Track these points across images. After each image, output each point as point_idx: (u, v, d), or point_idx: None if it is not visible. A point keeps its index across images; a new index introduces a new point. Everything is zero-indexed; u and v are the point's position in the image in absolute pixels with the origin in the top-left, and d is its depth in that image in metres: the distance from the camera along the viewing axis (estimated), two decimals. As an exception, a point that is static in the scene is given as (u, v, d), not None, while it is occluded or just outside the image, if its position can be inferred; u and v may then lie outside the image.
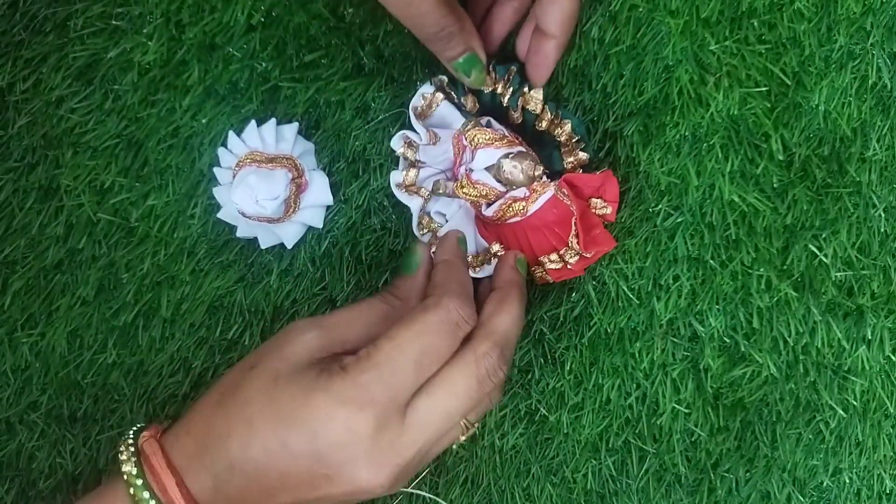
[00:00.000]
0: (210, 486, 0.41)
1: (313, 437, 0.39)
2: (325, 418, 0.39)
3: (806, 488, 0.52)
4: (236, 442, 0.40)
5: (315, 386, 0.40)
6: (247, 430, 0.40)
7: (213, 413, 0.42)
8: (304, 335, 0.42)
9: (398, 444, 0.40)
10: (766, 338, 0.51)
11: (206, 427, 0.41)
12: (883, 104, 0.50)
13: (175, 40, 0.51)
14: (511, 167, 0.47)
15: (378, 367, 0.40)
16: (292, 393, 0.40)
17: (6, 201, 0.52)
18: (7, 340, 0.53)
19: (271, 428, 0.40)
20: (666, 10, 0.50)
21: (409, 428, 0.40)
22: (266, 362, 0.42)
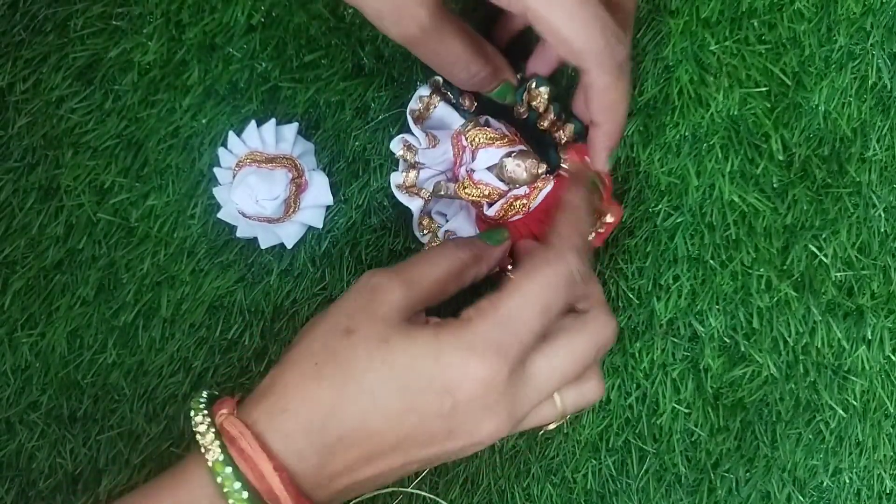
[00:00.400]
0: (314, 464, 0.38)
1: (445, 393, 0.38)
2: (460, 371, 0.38)
3: (806, 488, 0.52)
4: (354, 414, 0.38)
5: (440, 340, 0.38)
6: (368, 400, 0.38)
7: (316, 385, 0.38)
8: (391, 295, 0.40)
9: (519, 397, 0.39)
10: (766, 338, 0.51)
11: (309, 401, 0.38)
12: (883, 104, 0.50)
13: (175, 40, 0.51)
14: (514, 166, 0.47)
15: (507, 318, 0.38)
16: (415, 353, 0.38)
17: (6, 201, 0.52)
18: (7, 340, 0.53)
19: (396, 392, 0.38)
20: (666, 11, 0.50)
21: (529, 381, 0.39)
22: (366, 326, 0.39)
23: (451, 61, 0.43)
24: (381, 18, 0.41)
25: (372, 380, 0.38)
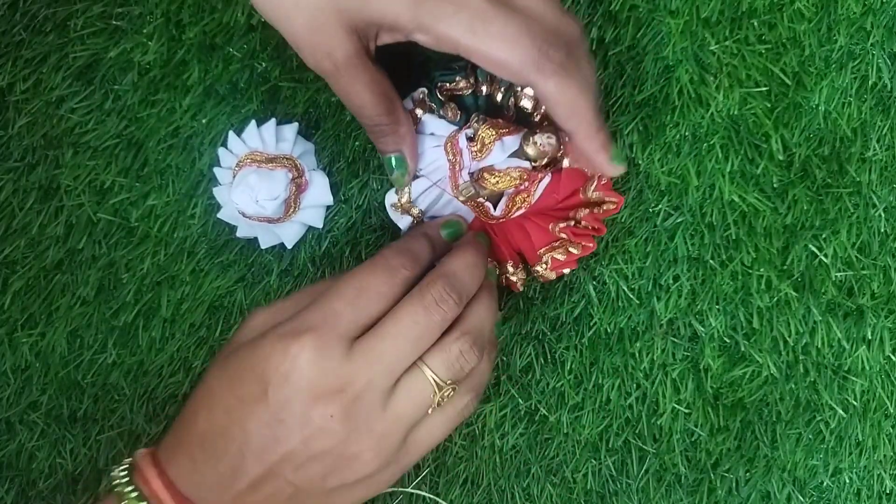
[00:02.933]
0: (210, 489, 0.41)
1: (260, 378, 0.39)
2: (268, 355, 0.40)
3: (806, 488, 0.52)
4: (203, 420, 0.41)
5: (262, 336, 0.41)
6: (208, 405, 0.41)
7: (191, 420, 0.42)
8: (254, 319, 0.43)
9: (344, 372, 0.39)
10: (766, 338, 0.51)
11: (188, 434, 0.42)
12: (883, 104, 0.50)
13: (175, 40, 0.51)
14: (545, 139, 0.46)
15: (316, 304, 0.41)
16: (242, 355, 0.41)
17: (6, 201, 0.52)
18: (7, 340, 0.53)
19: (228, 390, 0.40)
20: (666, 10, 0.50)
21: (354, 357, 0.40)
22: (223, 349, 0.43)
23: (357, 104, 0.44)
24: (298, 47, 0.42)
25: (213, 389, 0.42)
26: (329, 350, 0.39)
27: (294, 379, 0.39)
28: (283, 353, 0.39)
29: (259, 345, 0.40)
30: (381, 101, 0.44)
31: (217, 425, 0.40)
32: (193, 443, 0.41)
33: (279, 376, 0.39)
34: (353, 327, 0.40)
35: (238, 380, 0.40)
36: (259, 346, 0.40)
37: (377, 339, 0.40)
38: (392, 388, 0.40)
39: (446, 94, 0.49)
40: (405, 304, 0.41)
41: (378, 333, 0.40)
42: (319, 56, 0.42)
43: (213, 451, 0.40)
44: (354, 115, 0.45)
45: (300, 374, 0.39)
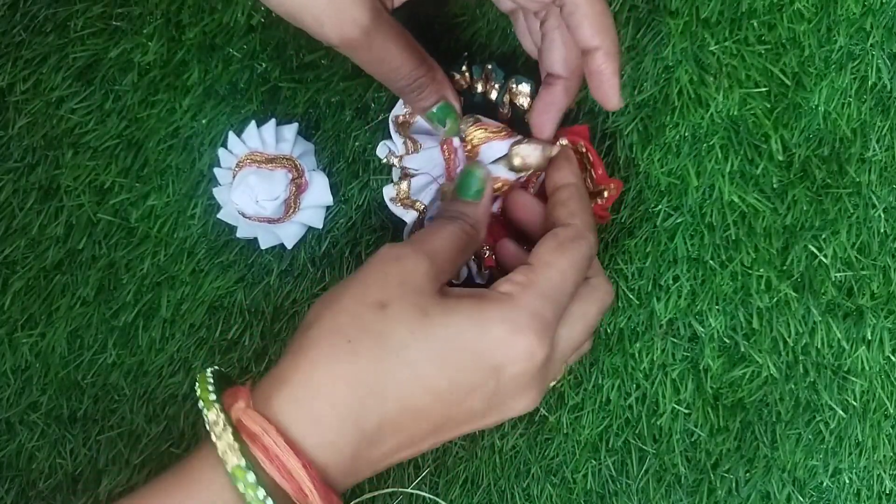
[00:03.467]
0: (349, 456, 0.34)
1: (491, 369, 0.36)
2: (507, 348, 0.36)
3: (806, 488, 0.52)
4: (396, 391, 0.35)
5: (484, 314, 0.36)
6: (412, 377, 0.35)
7: (350, 364, 0.35)
8: (423, 266, 0.37)
9: (549, 371, 0.39)
10: (765, 338, 0.51)
11: (343, 382, 0.34)
12: (883, 105, 0.50)
13: (175, 41, 0.51)
14: (531, 150, 0.46)
15: (549, 295, 0.38)
16: (457, 327, 0.36)
17: (6, 201, 0.52)
18: (7, 340, 0.53)
19: (440, 367, 0.35)
20: (666, 11, 0.50)
21: (556, 352, 0.39)
22: (401, 298, 0.36)
23: (392, 67, 0.42)
24: (322, 25, 0.39)
25: (415, 355, 0.35)
26: (547, 346, 0.38)
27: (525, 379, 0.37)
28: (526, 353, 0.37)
29: (491, 330, 0.36)
30: (413, 55, 0.42)
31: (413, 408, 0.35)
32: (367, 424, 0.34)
33: (516, 376, 0.37)
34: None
35: (455, 361, 0.36)
36: (491, 332, 0.36)
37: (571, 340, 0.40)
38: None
39: None
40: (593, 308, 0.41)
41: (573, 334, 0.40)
42: (346, 25, 0.39)
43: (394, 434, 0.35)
44: (386, 81, 0.43)
45: (530, 376, 0.37)
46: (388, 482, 0.53)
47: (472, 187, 0.43)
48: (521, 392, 0.38)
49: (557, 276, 0.39)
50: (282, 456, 0.33)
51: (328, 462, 0.34)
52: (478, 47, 0.51)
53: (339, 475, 0.35)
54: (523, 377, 0.37)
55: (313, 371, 0.35)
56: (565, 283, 0.39)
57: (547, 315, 0.38)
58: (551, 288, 0.38)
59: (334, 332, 0.35)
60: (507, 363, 0.36)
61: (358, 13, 0.40)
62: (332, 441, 0.34)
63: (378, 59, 0.41)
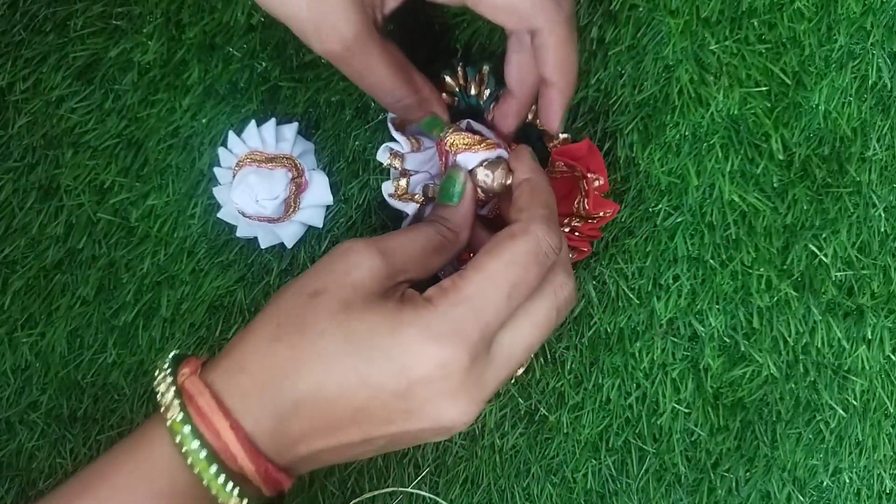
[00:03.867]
0: (269, 428, 0.37)
1: (400, 372, 0.36)
2: (416, 353, 0.36)
3: (806, 488, 0.52)
4: (307, 377, 0.36)
5: (400, 318, 0.37)
6: (321, 365, 0.36)
7: (273, 346, 0.37)
8: (369, 261, 0.38)
9: (484, 380, 0.37)
10: (766, 338, 0.51)
11: (266, 362, 0.37)
12: (883, 104, 0.50)
13: (175, 40, 0.51)
14: (483, 176, 0.46)
15: (470, 300, 0.37)
16: (372, 324, 0.37)
17: (6, 201, 0.52)
18: (7, 340, 0.53)
19: (350, 361, 0.36)
20: (666, 10, 0.50)
21: (493, 362, 0.38)
22: (333, 290, 0.37)
23: (373, 83, 0.42)
24: (305, 33, 0.40)
25: (327, 344, 0.36)
26: (479, 359, 0.37)
27: (438, 387, 0.36)
28: (437, 361, 0.36)
29: (403, 333, 0.36)
30: (397, 75, 0.42)
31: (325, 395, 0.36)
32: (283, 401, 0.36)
33: (424, 382, 0.36)
34: (499, 328, 0.38)
35: (368, 358, 0.36)
36: (403, 335, 0.36)
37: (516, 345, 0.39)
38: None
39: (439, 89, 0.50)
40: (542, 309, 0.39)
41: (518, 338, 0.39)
42: (326, 36, 0.40)
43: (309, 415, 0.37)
44: (371, 95, 0.43)
45: (446, 385, 0.36)
46: (388, 482, 0.53)
47: (450, 190, 0.44)
48: (442, 400, 0.37)
49: (482, 281, 0.37)
50: (211, 415, 0.36)
51: (253, 430, 0.36)
52: (478, 47, 0.51)
53: (266, 446, 0.37)
54: (440, 384, 0.36)
55: (244, 349, 0.37)
56: (494, 287, 0.37)
57: (464, 324, 0.37)
58: (475, 293, 0.37)
59: (270, 315, 0.38)
60: (417, 369, 0.36)
61: (343, 26, 0.40)
62: (254, 412, 0.36)
63: (359, 74, 0.42)
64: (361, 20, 0.40)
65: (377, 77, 0.42)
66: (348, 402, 0.37)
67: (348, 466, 0.53)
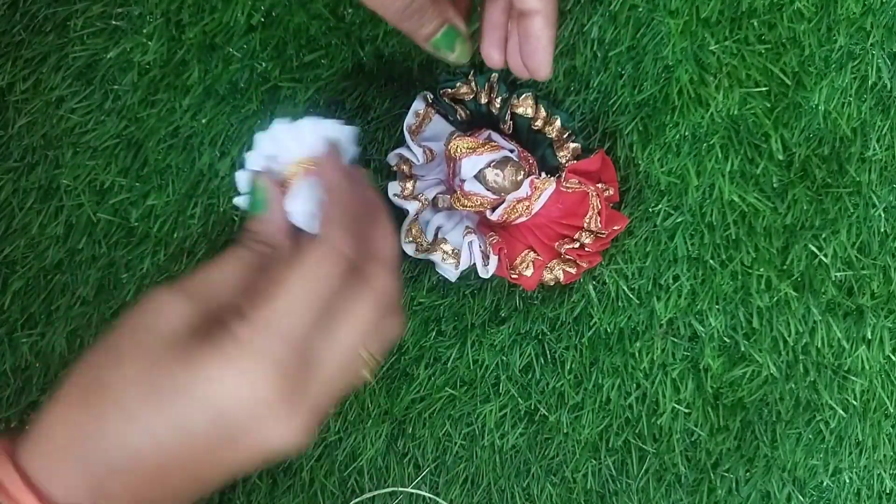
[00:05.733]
0: (86, 493, 0.36)
1: (208, 407, 0.35)
2: (220, 383, 0.35)
3: (806, 488, 0.52)
4: (114, 436, 0.35)
5: (202, 355, 0.35)
6: (125, 422, 0.35)
7: (78, 412, 0.36)
8: (171, 306, 0.37)
9: (307, 392, 0.36)
10: (766, 338, 0.51)
11: (71, 429, 0.36)
12: (883, 104, 0.50)
13: (175, 40, 0.51)
14: (493, 176, 0.46)
15: (270, 321, 0.36)
16: (173, 369, 0.35)
17: (6, 201, 0.52)
18: (7, 340, 0.53)
19: (155, 411, 0.35)
20: (666, 10, 0.50)
21: (314, 371, 0.37)
22: (134, 345, 0.37)
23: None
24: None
25: (130, 399, 0.35)
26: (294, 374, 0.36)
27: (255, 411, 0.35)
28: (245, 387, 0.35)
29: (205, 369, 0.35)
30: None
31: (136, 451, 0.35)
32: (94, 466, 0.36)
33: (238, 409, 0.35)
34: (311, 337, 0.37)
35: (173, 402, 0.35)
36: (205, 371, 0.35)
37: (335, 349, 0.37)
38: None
39: (450, 98, 0.50)
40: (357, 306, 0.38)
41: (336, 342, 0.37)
42: None
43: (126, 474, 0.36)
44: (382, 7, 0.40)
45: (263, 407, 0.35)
46: (388, 482, 0.53)
47: (258, 203, 0.42)
48: (266, 422, 0.36)
49: (284, 298, 0.36)
50: (17, 493, 0.35)
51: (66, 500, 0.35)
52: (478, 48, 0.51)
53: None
54: (256, 409, 0.35)
55: (50, 418, 0.37)
56: (294, 304, 0.36)
57: (269, 345, 0.36)
58: (274, 314, 0.36)
59: (74, 386, 0.37)
60: (225, 399, 0.35)
61: None
62: (64, 481, 0.36)
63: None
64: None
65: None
66: (165, 451, 0.35)
67: (348, 466, 0.53)
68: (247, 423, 0.36)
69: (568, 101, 0.51)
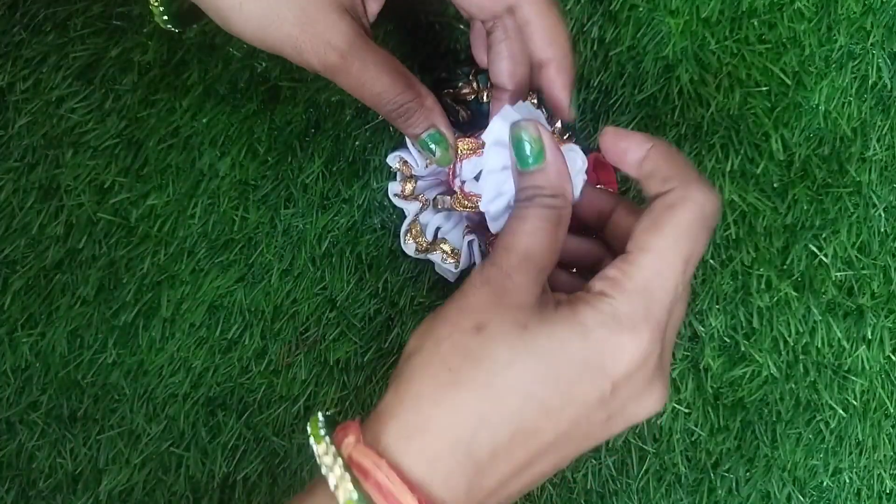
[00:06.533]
0: (464, 488, 0.33)
1: (602, 377, 0.33)
2: (613, 351, 0.33)
3: (806, 488, 0.52)
4: (507, 416, 0.33)
5: (583, 320, 0.34)
6: (518, 397, 0.33)
7: (455, 392, 0.33)
8: (515, 280, 0.35)
9: (666, 359, 0.35)
10: (766, 338, 0.51)
11: (451, 413, 0.33)
12: (883, 104, 0.50)
13: (175, 40, 0.51)
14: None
15: (648, 283, 0.34)
16: (559, 336, 0.33)
17: (6, 201, 0.52)
18: (7, 340, 0.53)
19: (551, 382, 0.33)
20: (666, 10, 0.50)
21: (668, 340, 0.36)
22: (497, 317, 0.34)
23: (375, 91, 0.41)
24: (301, 52, 0.40)
25: (520, 372, 0.33)
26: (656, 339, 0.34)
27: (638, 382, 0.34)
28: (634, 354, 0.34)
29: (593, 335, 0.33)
30: (398, 79, 0.41)
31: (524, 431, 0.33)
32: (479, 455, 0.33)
33: (626, 380, 0.34)
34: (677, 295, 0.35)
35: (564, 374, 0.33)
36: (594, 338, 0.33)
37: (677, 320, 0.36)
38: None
39: (451, 98, 0.50)
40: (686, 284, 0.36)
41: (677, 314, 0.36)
42: (322, 49, 0.39)
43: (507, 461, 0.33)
44: (373, 106, 0.42)
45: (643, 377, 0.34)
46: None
47: (526, 152, 0.38)
48: (643, 393, 0.35)
49: (654, 260, 0.35)
50: (396, 493, 0.32)
51: (445, 498, 0.33)
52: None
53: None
54: (640, 377, 0.34)
55: (419, 404, 0.33)
56: (668, 266, 0.35)
57: (649, 306, 0.34)
58: (649, 275, 0.34)
59: (435, 363, 0.34)
60: (618, 367, 0.34)
61: (333, 37, 0.39)
62: (445, 475, 0.32)
63: (359, 83, 0.41)
64: (352, 28, 0.40)
65: (378, 84, 0.41)
66: (553, 428, 0.33)
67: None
68: (630, 393, 0.34)
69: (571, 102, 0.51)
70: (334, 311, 0.52)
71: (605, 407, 0.34)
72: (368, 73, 0.40)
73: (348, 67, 0.40)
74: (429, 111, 0.42)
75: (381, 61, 0.41)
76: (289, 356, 0.53)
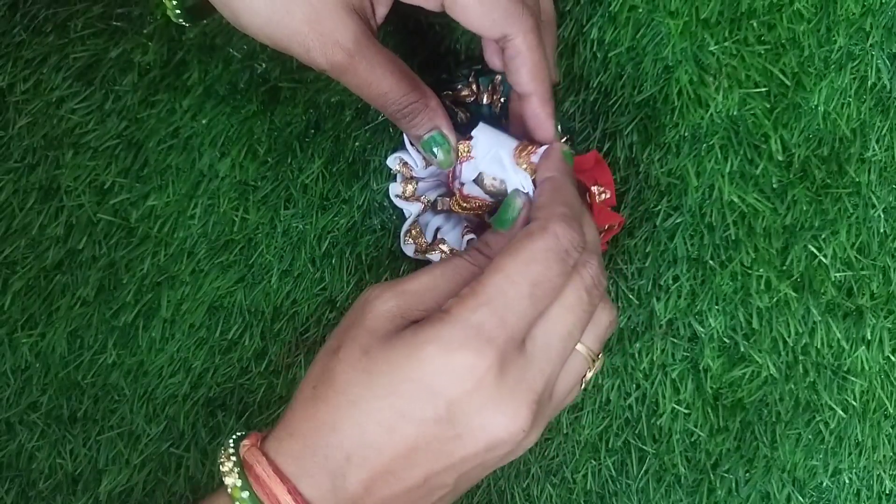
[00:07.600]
0: (328, 487, 0.37)
1: (434, 395, 0.35)
2: (441, 369, 0.35)
3: (806, 488, 0.52)
4: (349, 427, 0.36)
5: (417, 341, 0.36)
6: (356, 413, 0.36)
7: (313, 407, 0.38)
8: (383, 304, 0.38)
9: (526, 379, 0.36)
10: (765, 338, 0.51)
11: (308, 423, 0.37)
12: (882, 105, 0.50)
13: (175, 41, 0.51)
14: (491, 180, 0.46)
15: (489, 302, 0.36)
16: (392, 358, 0.36)
17: (6, 201, 0.52)
18: (7, 340, 0.53)
19: (382, 401, 0.36)
20: (665, 11, 0.50)
21: (531, 359, 0.37)
22: (350, 340, 0.38)
23: (381, 90, 0.42)
24: (308, 50, 0.40)
25: (357, 391, 0.37)
26: (511, 360, 0.36)
27: (476, 398, 0.36)
28: (465, 370, 0.35)
29: (423, 354, 0.36)
30: (403, 79, 0.42)
31: (370, 442, 0.36)
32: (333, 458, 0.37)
33: (460, 397, 0.36)
34: (527, 329, 0.37)
35: (398, 392, 0.36)
36: (423, 356, 0.36)
37: (550, 335, 0.38)
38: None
39: (451, 101, 0.50)
40: (568, 292, 0.38)
41: (551, 328, 0.38)
42: (329, 47, 0.40)
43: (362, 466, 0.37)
44: (378, 106, 0.43)
45: (483, 393, 0.36)
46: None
47: (505, 216, 0.42)
48: (485, 410, 0.36)
49: (501, 280, 0.36)
50: (269, 482, 0.37)
51: (312, 494, 0.37)
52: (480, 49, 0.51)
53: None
54: (477, 395, 0.36)
55: (290, 414, 0.39)
56: (513, 286, 0.36)
57: (487, 325, 0.36)
58: (494, 295, 0.36)
59: (307, 381, 0.39)
60: (449, 386, 0.36)
61: (341, 36, 0.40)
62: (309, 473, 0.37)
63: (365, 82, 0.41)
64: (360, 27, 0.40)
65: (383, 84, 0.42)
66: (396, 442, 0.36)
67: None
68: (470, 409, 0.36)
69: (568, 101, 0.51)
70: (334, 312, 0.52)
71: (446, 424, 0.36)
72: (374, 72, 0.41)
73: (355, 66, 0.41)
74: (433, 112, 0.43)
75: (387, 61, 0.41)
76: (289, 357, 0.53)
